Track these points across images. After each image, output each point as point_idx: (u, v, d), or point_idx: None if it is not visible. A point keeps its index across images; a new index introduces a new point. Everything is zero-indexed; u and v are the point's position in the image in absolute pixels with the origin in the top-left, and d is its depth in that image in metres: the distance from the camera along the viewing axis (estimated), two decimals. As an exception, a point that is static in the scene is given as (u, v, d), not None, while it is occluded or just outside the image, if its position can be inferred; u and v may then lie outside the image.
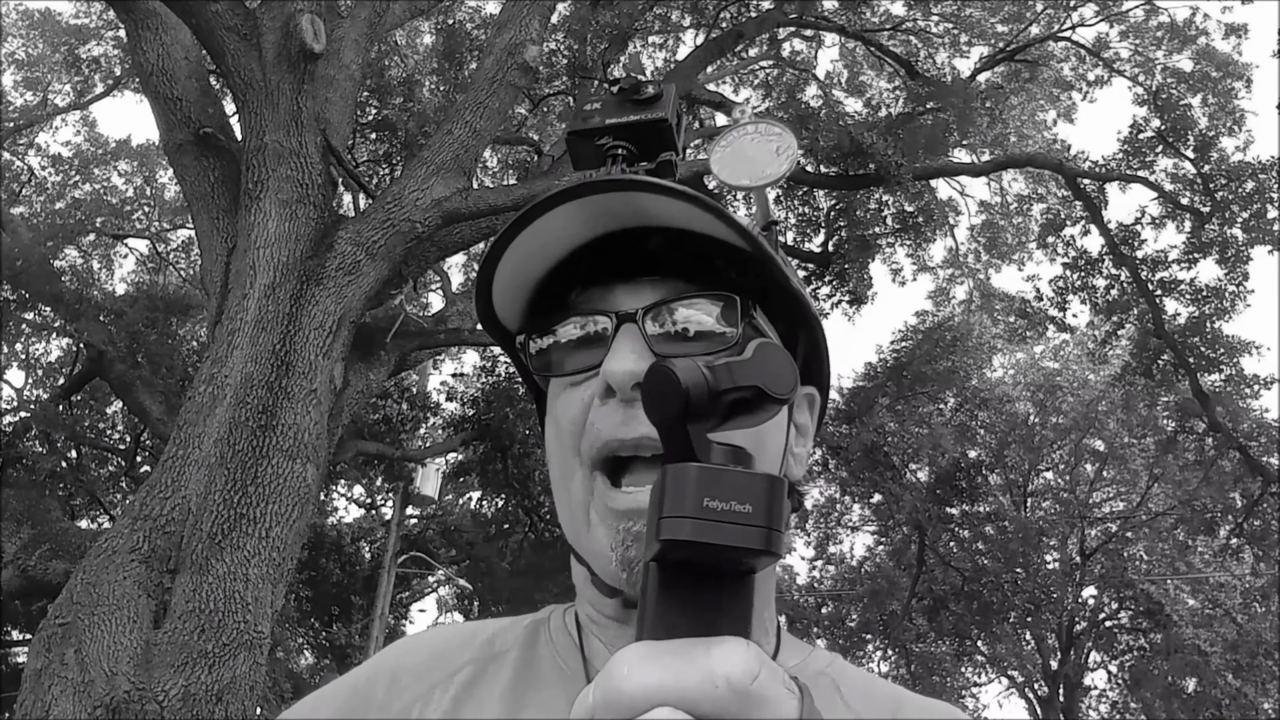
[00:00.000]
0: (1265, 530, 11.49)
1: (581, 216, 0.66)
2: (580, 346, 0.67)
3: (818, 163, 9.13)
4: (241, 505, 4.18)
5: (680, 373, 0.39)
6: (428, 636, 0.76)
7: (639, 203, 0.65)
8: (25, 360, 13.07)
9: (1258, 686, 14.76)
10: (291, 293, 4.78)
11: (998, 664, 18.44)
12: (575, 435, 0.66)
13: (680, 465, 0.37)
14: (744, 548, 0.36)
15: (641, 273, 0.68)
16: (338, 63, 5.89)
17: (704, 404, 0.39)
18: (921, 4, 11.00)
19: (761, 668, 0.36)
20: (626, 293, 0.68)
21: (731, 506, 0.36)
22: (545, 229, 0.66)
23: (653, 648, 0.36)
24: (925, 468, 14.11)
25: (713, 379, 0.39)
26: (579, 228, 0.67)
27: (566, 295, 0.70)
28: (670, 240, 0.67)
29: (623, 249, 0.68)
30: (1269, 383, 10.79)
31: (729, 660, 0.35)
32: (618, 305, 0.67)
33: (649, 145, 0.75)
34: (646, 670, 0.35)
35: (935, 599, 15.15)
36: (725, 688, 0.35)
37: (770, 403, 0.40)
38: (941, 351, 13.19)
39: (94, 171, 13.28)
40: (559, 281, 0.70)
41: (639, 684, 0.35)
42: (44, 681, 3.75)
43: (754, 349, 0.41)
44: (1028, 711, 18.68)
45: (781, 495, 0.37)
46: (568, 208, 0.65)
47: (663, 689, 0.34)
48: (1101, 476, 17.38)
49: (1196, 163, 9.95)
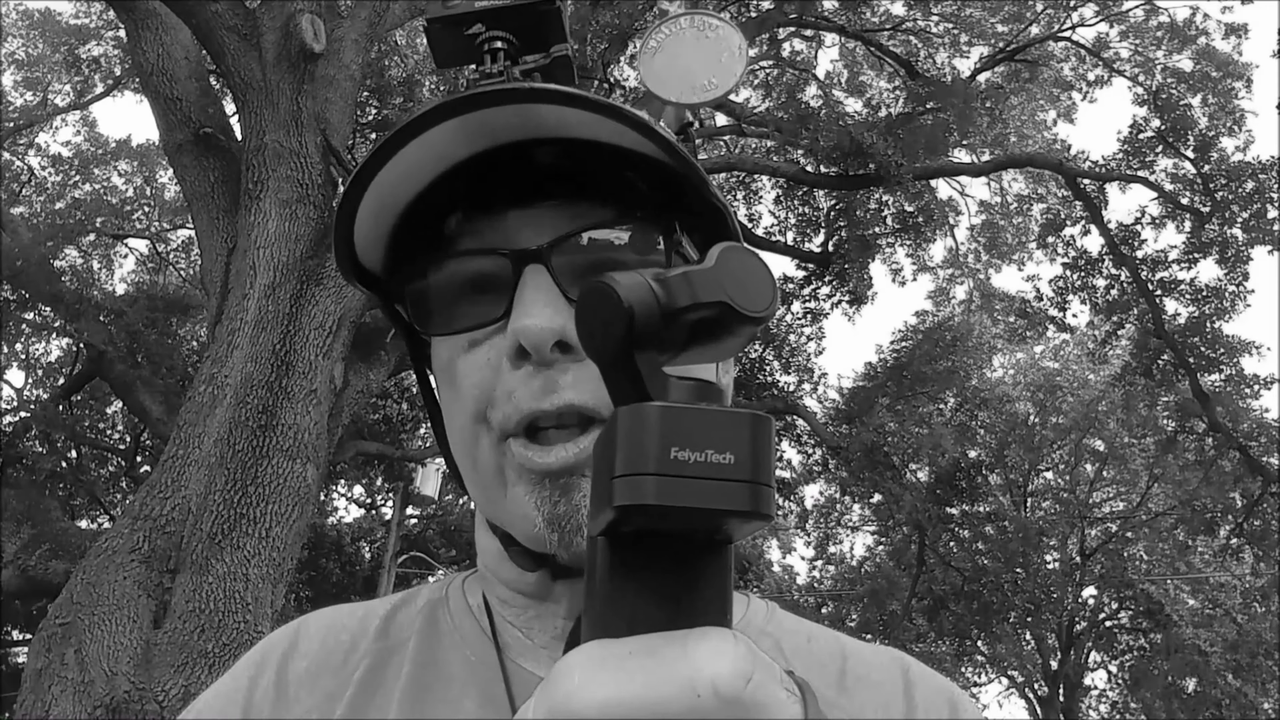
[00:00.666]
0: (1265, 530, 11.49)
1: (463, 133, 0.54)
2: (471, 293, 0.55)
3: (818, 163, 9.14)
4: (241, 505, 4.18)
5: (623, 290, 0.30)
6: (314, 627, 0.63)
7: (535, 114, 0.53)
8: (25, 360, 13.07)
9: (1258, 686, 14.76)
10: (291, 293, 4.78)
11: (998, 664, 18.45)
12: (479, 401, 0.55)
13: (635, 407, 0.28)
14: (726, 510, 0.27)
15: (536, 194, 0.55)
16: (338, 63, 5.89)
17: (655, 327, 0.30)
18: (921, 4, 11.00)
19: (755, 667, 0.27)
20: (522, 221, 0.55)
21: (707, 457, 0.27)
22: (418, 151, 0.54)
23: (610, 647, 0.27)
24: (925, 468, 14.11)
25: (665, 295, 0.30)
26: (458, 146, 0.55)
27: (442, 225, 0.57)
28: (563, 150, 0.55)
29: (508, 164, 0.55)
30: (1269, 383, 10.79)
31: (714, 661, 0.26)
32: (514, 240, 0.55)
33: (533, 34, 0.61)
34: (605, 679, 0.26)
35: (935, 599, 15.15)
36: (711, 696, 0.26)
37: (743, 323, 0.31)
38: (941, 351, 13.19)
39: (94, 171, 13.29)
40: (430, 208, 0.57)
41: (596, 698, 0.25)
42: (44, 681, 3.75)
43: (718, 254, 0.31)
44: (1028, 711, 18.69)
45: (770, 440, 0.28)
46: (447, 126, 0.53)
47: (627, 703, 0.25)
48: (1101, 476, 17.38)
49: (1196, 163, 9.95)
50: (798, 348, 12.56)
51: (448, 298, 0.56)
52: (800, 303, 12.01)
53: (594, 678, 0.26)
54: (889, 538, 16.71)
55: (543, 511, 0.52)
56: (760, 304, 0.31)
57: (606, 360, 0.31)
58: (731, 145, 11.11)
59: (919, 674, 0.62)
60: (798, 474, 13.74)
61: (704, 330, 0.31)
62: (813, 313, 12.10)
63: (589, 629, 0.30)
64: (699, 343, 0.32)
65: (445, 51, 0.62)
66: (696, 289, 0.30)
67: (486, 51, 0.60)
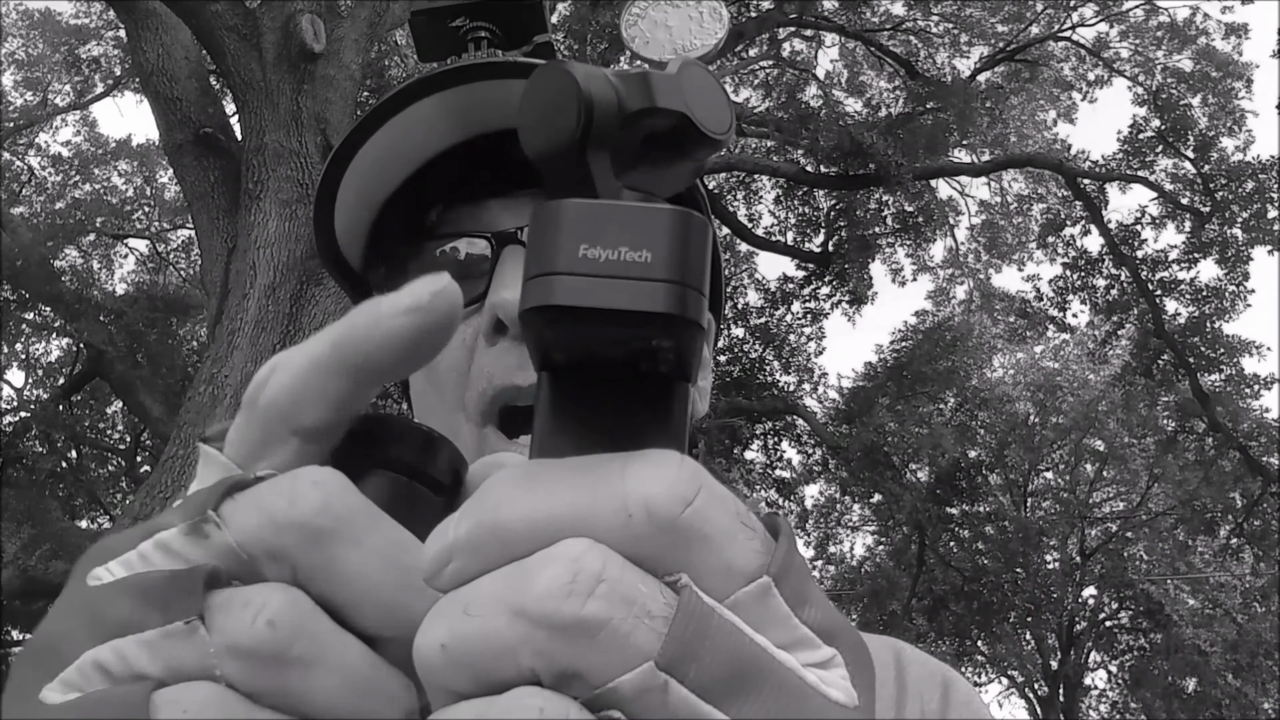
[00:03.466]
0: (1265, 530, 11.49)
1: (449, 113, 0.54)
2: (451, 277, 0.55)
3: (818, 163, 9.14)
4: (241, 505, 4.19)
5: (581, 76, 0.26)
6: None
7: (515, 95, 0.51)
8: (25, 360, 13.07)
9: (1258, 686, 14.76)
10: (291, 293, 4.79)
11: (998, 664, 18.44)
12: (458, 385, 0.54)
13: (547, 204, 0.25)
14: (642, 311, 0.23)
15: (515, 184, 0.55)
16: (338, 63, 5.88)
17: (611, 126, 0.26)
18: (921, 4, 11.00)
19: (698, 491, 0.23)
20: (502, 207, 0.56)
21: (620, 255, 0.23)
22: (402, 130, 0.54)
23: (545, 465, 0.24)
24: (925, 468, 14.12)
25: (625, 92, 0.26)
26: (444, 127, 0.54)
27: (422, 217, 0.57)
28: None
29: (488, 158, 0.55)
30: (1269, 383, 10.80)
31: (649, 481, 0.22)
32: (495, 225, 0.55)
33: (515, 27, 0.61)
34: (536, 492, 0.23)
35: (935, 599, 15.16)
36: (643, 518, 0.22)
37: (700, 142, 0.28)
38: (941, 351, 13.19)
39: (94, 171, 13.29)
40: (409, 202, 0.57)
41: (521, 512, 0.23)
42: (44, 681, 3.76)
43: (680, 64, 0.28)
44: (1028, 711, 18.69)
45: (701, 240, 0.24)
46: (431, 101, 0.53)
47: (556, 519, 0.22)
48: (1101, 476, 17.38)
49: (1196, 163, 9.96)
50: (798, 348, 12.56)
51: None
52: (800, 303, 12.01)
53: (524, 491, 0.23)
54: (889, 538, 16.71)
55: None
56: (720, 124, 0.28)
57: (555, 153, 0.27)
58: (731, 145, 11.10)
59: (911, 656, 0.62)
60: (798, 474, 13.74)
61: (657, 146, 0.28)
62: (813, 313, 12.11)
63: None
64: (650, 161, 0.28)
65: (429, 44, 0.62)
66: (656, 93, 0.27)
67: (470, 40, 0.60)
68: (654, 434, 0.25)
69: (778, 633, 0.23)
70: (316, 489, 0.24)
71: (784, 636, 0.23)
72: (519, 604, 0.21)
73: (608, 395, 0.26)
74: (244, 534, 0.24)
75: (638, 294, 0.23)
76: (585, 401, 0.26)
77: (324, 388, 0.26)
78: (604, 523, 0.22)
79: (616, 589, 0.21)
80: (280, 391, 0.27)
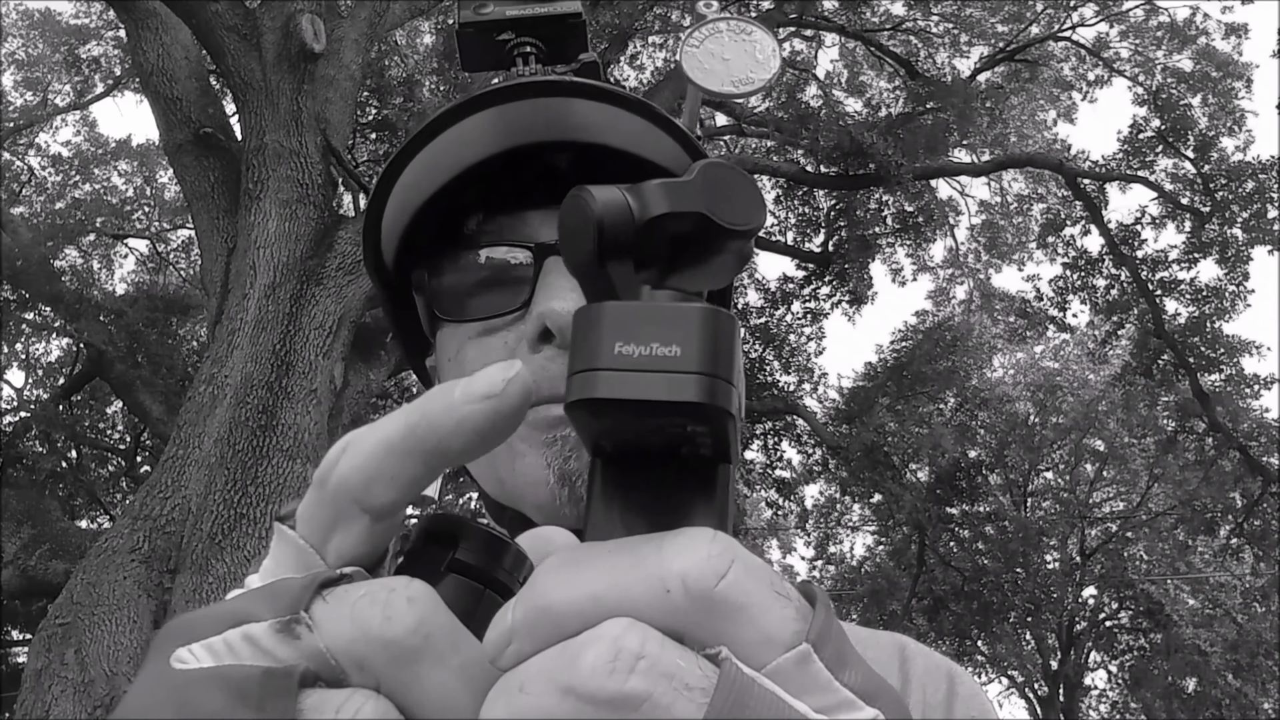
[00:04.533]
0: (1265, 530, 11.49)
1: (497, 126, 0.55)
2: (491, 284, 0.56)
3: (818, 163, 9.14)
4: (241, 505, 4.18)
5: (595, 198, 0.28)
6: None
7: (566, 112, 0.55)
8: (25, 360, 13.07)
9: (1258, 686, 14.76)
10: (291, 293, 4.79)
11: (998, 664, 18.44)
12: None
13: (585, 308, 0.27)
14: (675, 401, 0.25)
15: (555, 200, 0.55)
16: (338, 63, 5.89)
17: (626, 236, 0.28)
18: (921, 4, 11.00)
19: (731, 565, 0.24)
20: (543, 222, 0.57)
21: (652, 350, 0.26)
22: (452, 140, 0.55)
23: (590, 548, 0.26)
24: (925, 468, 14.12)
25: (638, 205, 0.29)
26: (488, 139, 0.56)
27: (459, 223, 0.58)
28: (578, 156, 0.57)
29: (525, 167, 0.57)
30: (1269, 383, 10.80)
31: (684, 556, 0.24)
32: (537, 235, 0.56)
33: (560, 44, 0.63)
34: (579, 576, 0.25)
35: (935, 599, 15.15)
36: (681, 591, 0.24)
37: (724, 238, 0.29)
38: (941, 351, 13.19)
39: (94, 171, 13.29)
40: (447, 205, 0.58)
41: (568, 594, 0.24)
42: (44, 681, 3.75)
43: (699, 168, 0.29)
44: (1028, 711, 18.69)
45: (729, 334, 0.26)
46: (485, 115, 0.55)
47: (599, 599, 0.24)
48: (1101, 476, 17.38)
49: (1196, 163, 9.96)
50: (798, 348, 12.56)
51: (466, 288, 0.57)
52: (800, 303, 12.01)
53: (570, 574, 0.25)
54: (889, 538, 16.71)
55: (554, 467, 0.53)
56: (741, 217, 0.29)
57: (579, 269, 0.29)
58: (731, 145, 11.11)
59: (915, 651, 0.63)
60: (798, 474, 13.73)
61: (686, 247, 0.30)
62: (813, 313, 12.11)
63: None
64: (686, 262, 0.30)
65: (474, 56, 0.64)
66: (671, 199, 0.29)
67: (517, 55, 0.61)
68: (697, 513, 0.27)
69: (819, 698, 0.24)
70: (411, 607, 0.25)
71: (826, 700, 0.24)
72: (567, 682, 0.23)
73: (653, 479, 0.28)
74: (336, 641, 0.25)
75: (670, 385, 0.25)
76: (632, 485, 0.28)
77: (395, 470, 0.27)
78: (644, 600, 0.24)
79: (656, 665, 0.23)
80: (352, 471, 0.28)
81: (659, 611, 0.24)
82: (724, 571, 0.24)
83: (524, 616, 0.25)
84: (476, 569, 0.29)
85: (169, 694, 0.25)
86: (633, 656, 0.23)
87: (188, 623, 0.27)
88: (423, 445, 0.27)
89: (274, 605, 0.26)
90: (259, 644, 0.25)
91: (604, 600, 0.24)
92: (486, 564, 0.29)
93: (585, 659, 0.23)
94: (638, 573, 0.24)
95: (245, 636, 0.26)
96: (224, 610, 0.26)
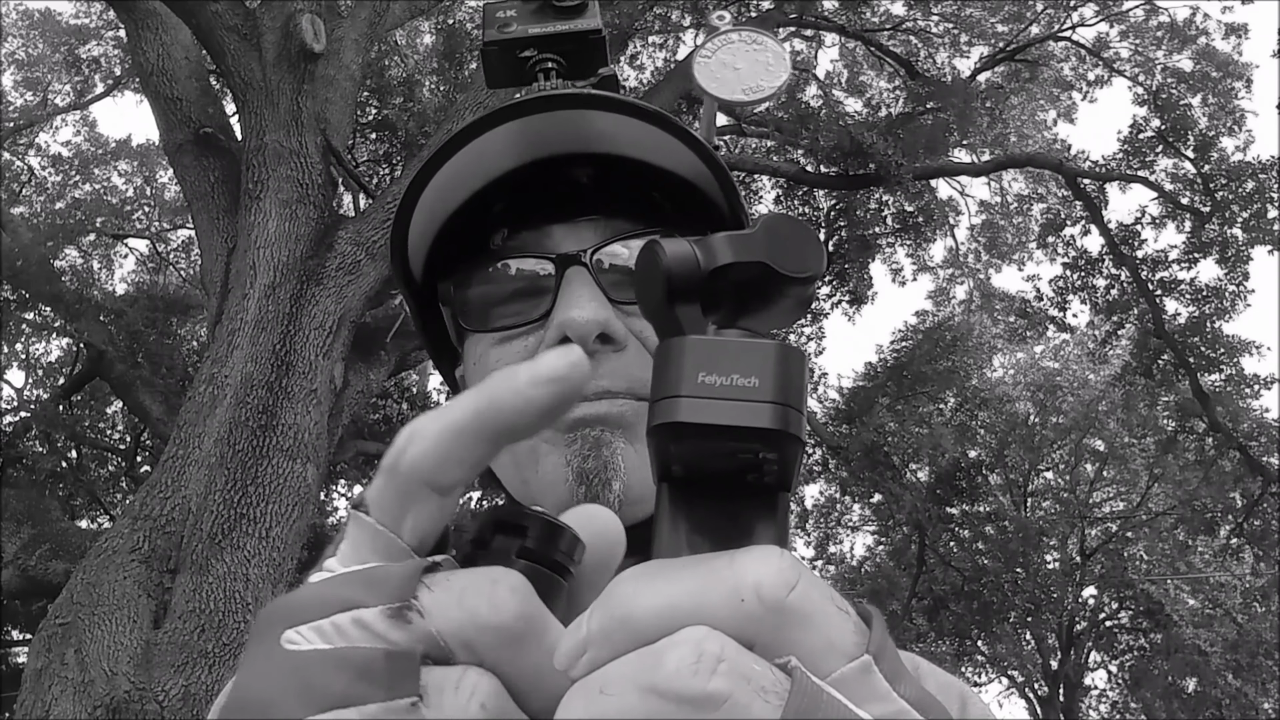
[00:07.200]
0: (1265, 530, 11.49)
1: (519, 138, 0.57)
2: (515, 297, 0.59)
3: (818, 163, 9.14)
4: (241, 505, 4.18)
5: (665, 249, 0.32)
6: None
7: (585, 124, 0.57)
8: (25, 360, 13.07)
9: (1258, 686, 14.75)
10: (291, 293, 4.79)
11: (998, 664, 18.44)
12: None
13: (667, 341, 0.30)
14: (753, 428, 0.28)
15: (576, 211, 0.59)
16: (338, 63, 5.88)
17: (693, 284, 0.31)
18: (921, 4, 11.00)
19: (800, 577, 0.27)
20: (565, 235, 0.59)
21: (733, 380, 0.28)
22: (478, 151, 0.57)
23: (663, 564, 0.28)
24: (925, 468, 14.11)
25: (704, 255, 0.32)
26: (511, 152, 0.58)
27: (484, 236, 0.61)
28: (598, 168, 0.59)
29: (547, 180, 0.59)
30: (1269, 383, 10.80)
31: (757, 568, 0.26)
32: (558, 247, 0.58)
33: (580, 59, 0.65)
34: (658, 587, 0.26)
35: (935, 599, 15.15)
36: (755, 601, 0.26)
37: (785, 285, 0.32)
38: (941, 351, 13.19)
39: (94, 171, 13.28)
40: (473, 217, 0.61)
41: (646, 604, 0.26)
42: (44, 681, 3.75)
43: (762, 221, 0.33)
44: (1028, 711, 18.69)
45: (799, 368, 0.29)
46: (506, 129, 0.57)
47: (677, 608, 0.26)
48: (1101, 476, 17.37)
49: (1196, 163, 9.96)
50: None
51: (490, 300, 0.60)
52: (800, 303, 11.98)
53: (648, 587, 0.27)
54: (889, 538, 16.71)
55: (573, 466, 0.55)
56: (801, 265, 0.32)
57: (651, 313, 0.32)
58: (731, 145, 11.11)
59: (929, 669, 0.64)
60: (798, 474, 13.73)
61: (750, 292, 0.32)
62: (813, 313, 12.10)
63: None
64: (751, 306, 0.33)
65: (499, 73, 0.66)
66: (734, 249, 0.32)
67: (540, 71, 0.64)
68: (759, 536, 0.29)
69: (879, 707, 0.26)
70: (514, 596, 0.28)
71: (885, 709, 0.26)
72: (650, 683, 0.24)
73: (719, 503, 0.30)
74: (447, 626, 0.27)
75: (748, 412, 0.28)
76: (698, 509, 0.30)
77: (464, 453, 0.30)
78: (720, 608, 0.26)
79: (736, 668, 0.24)
80: (422, 457, 0.30)
81: (734, 619, 0.25)
82: (794, 583, 0.26)
83: (601, 626, 0.26)
84: (540, 554, 0.32)
85: (289, 675, 0.27)
86: (714, 659, 0.24)
87: (290, 605, 0.29)
88: (491, 427, 0.30)
89: (379, 592, 0.28)
90: (370, 628, 0.27)
91: (681, 609, 0.26)
92: (548, 549, 0.32)
93: (669, 661, 0.24)
94: (713, 583, 0.26)
95: (355, 621, 0.27)
96: (326, 594, 0.28)
